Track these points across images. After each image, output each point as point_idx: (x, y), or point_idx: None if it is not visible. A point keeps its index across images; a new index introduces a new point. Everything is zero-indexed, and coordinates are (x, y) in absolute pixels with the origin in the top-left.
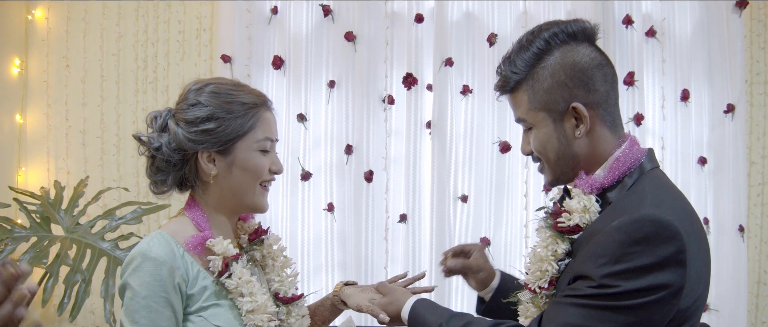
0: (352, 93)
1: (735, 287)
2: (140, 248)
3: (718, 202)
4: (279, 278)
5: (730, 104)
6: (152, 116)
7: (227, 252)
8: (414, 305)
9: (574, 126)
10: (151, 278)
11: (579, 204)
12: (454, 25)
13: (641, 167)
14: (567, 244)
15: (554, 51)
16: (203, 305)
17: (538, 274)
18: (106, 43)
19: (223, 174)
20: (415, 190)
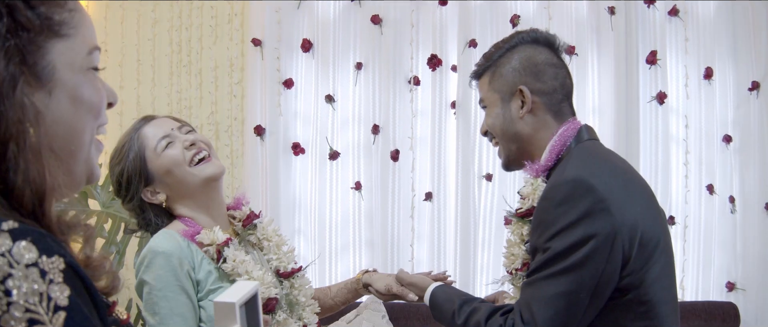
0: (379, 74)
1: (762, 266)
2: (149, 246)
3: (744, 180)
4: (277, 256)
5: (754, 82)
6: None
7: (216, 240)
8: (433, 291)
9: (519, 106)
10: (163, 271)
11: (530, 187)
12: (477, 7)
13: (576, 140)
14: (529, 226)
15: (519, 47)
16: (211, 289)
17: (512, 258)
18: (142, 29)
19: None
20: (441, 169)
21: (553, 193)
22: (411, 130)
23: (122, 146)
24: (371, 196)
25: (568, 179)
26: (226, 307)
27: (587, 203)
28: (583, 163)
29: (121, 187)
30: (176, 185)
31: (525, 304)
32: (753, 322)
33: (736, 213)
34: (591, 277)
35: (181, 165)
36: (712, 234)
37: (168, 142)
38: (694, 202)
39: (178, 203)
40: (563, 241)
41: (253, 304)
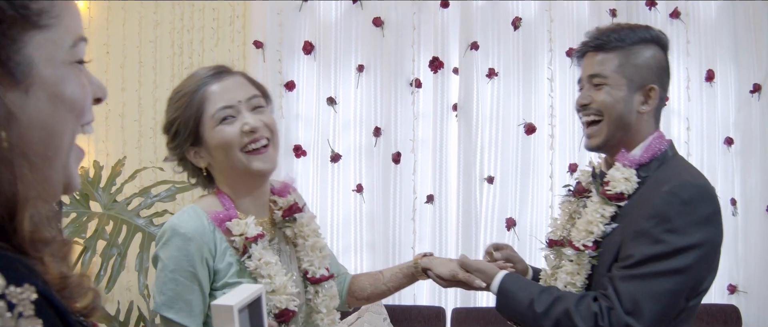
0: (380, 77)
1: (764, 268)
2: (172, 222)
3: (746, 182)
4: (309, 258)
5: (756, 84)
6: None
7: (246, 232)
8: (504, 279)
9: (641, 101)
10: (179, 253)
11: (621, 175)
12: (479, 9)
13: (667, 152)
14: (613, 208)
15: (653, 45)
16: (228, 282)
17: (584, 234)
18: (144, 31)
19: (211, 161)
20: (442, 172)
21: (681, 191)
22: (412, 132)
23: (184, 93)
24: (372, 198)
25: (697, 183)
26: (224, 310)
27: (709, 210)
28: (697, 173)
29: (169, 132)
30: (222, 162)
31: (628, 294)
32: (754, 324)
33: (737, 215)
34: (694, 279)
35: (233, 147)
36: None
37: (228, 116)
38: None
39: (220, 176)
40: (682, 239)
41: (257, 308)
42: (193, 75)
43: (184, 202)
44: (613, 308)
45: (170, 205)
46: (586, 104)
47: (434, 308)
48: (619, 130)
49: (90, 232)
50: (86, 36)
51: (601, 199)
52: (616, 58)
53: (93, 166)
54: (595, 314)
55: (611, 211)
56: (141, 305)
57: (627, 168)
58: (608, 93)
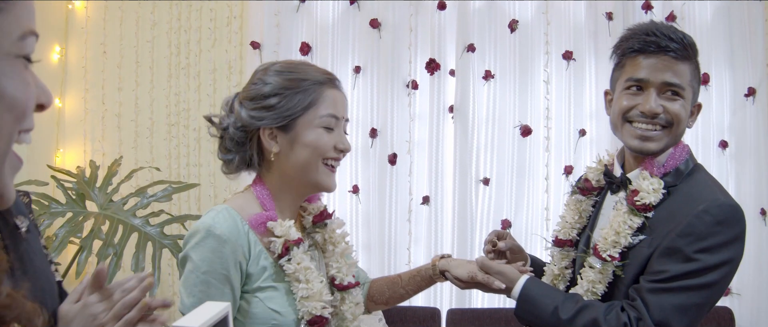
0: (377, 78)
1: (757, 271)
2: (205, 222)
3: (740, 185)
4: (337, 264)
5: (751, 88)
6: (224, 100)
7: (289, 235)
8: (526, 284)
9: (689, 115)
10: (213, 254)
11: (650, 185)
12: (476, 11)
13: (689, 160)
14: (640, 219)
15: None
16: (261, 286)
17: (611, 244)
18: (141, 31)
19: (285, 151)
20: (438, 173)
21: (717, 211)
22: (409, 134)
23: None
24: (369, 199)
25: (731, 204)
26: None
27: (738, 229)
28: (725, 192)
29: (263, 100)
30: (295, 160)
31: (658, 307)
32: (748, 326)
33: None
34: (719, 294)
35: (320, 155)
36: None
37: (330, 126)
38: None
39: (278, 169)
40: (713, 258)
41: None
42: (304, 66)
43: (180, 202)
44: (641, 319)
45: (166, 206)
46: (658, 113)
47: (429, 309)
48: (674, 141)
49: (86, 231)
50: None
51: (629, 209)
52: (689, 68)
53: (89, 165)
54: (625, 324)
55: (639, 222)
56: None
57: (654, 177)
58: (683, 106)
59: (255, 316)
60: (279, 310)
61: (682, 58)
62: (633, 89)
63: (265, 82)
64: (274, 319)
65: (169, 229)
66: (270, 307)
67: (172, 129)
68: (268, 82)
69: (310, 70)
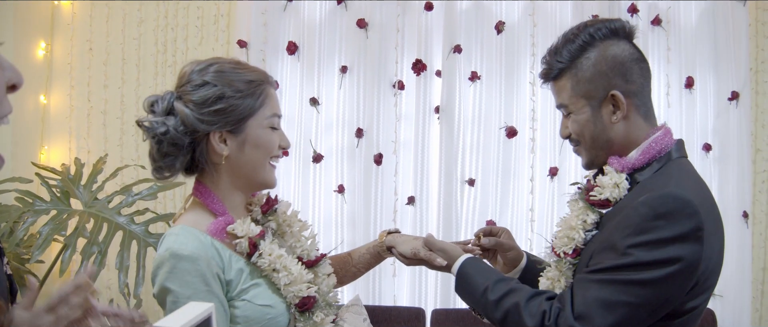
0: (364, 78)
1: (739, 273)
2: (170, 248)
3: (723, 188)
4: (299, 243)
5: (734, 92)
6: (152, 101)
7: (251, 232)
8: (464, 262)
9: (611, 112)
10: (190, 276)
11: (610, 180)
12: (463, 13)
13: (669, 154)
14: (596, 215)
15: (597, 44)
16: (244, 288)
17: (565, 241)
18: (127, 28)
19: (234, 153)
20: (424, 174)
21: (655, 203)
22: (395, 134)
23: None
24: (354, 199)
25: (676, 195)
26: None
27: (687, 226)
28: (688, 184)
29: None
30: (245, 161)
31: (582, 299)
32: None
33: None
34: (660, 297)
35: (267, 154)
36: None
37: (275, 125)
38: None
39: (226, 171)
40: (649, 254)
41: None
42: (246, 65)
43: (166, 201)
44: (563, 310)
45: (151, 204)
46: (566, 136)
47: (414, 309)
48: (600, 149)
49: (70, 229)
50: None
51: (585, 205)
52: (567, 81)
53: (74, 163)
54: (544, 313)
55: (594, 218)
56: (121, 303)
57: (618, 173)
58: (575, 121)
59: (249, 319)
60: (269, 304)
61: (554, 77)
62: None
63: (211, 84)
64: (268, 314)
65: (154, 227)
66: (260, 304)
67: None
68: (214, 85)
69: (249, 70)
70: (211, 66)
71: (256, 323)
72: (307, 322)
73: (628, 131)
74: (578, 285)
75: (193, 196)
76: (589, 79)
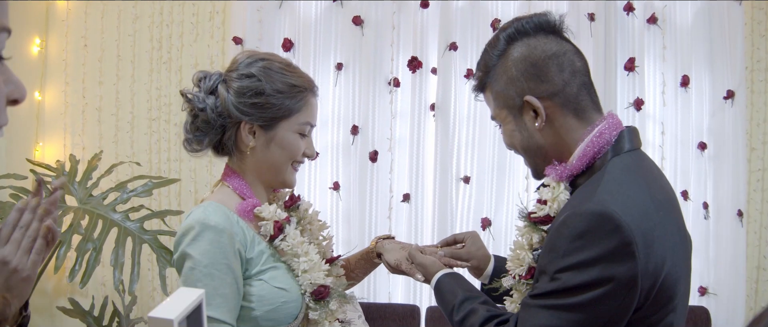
0: (359, 75)
1: (734, 272)
2: (197, 217)
3: (718, 187)
4: (317, 241)
5: (729, 90)
6: (201, 76)
7: (278, 216)
8: (440, 279)
9: (532, 118)
10: (212, 246)
11: (549, 193)
12: (458, 10)
13: (613, 149)
14: (540, 233)
15: (510, 49)
16: (262, 269)
17: (517, 262)
18: (122, 24)
19: (260, 148)
20: (419, 171)
21: (574, 222)
22: (390, 131)
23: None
24: (349, 196)
25: (595, 211)
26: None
27: (611, 244)
28: (617, 191)
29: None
30: (268, 158)
31: (522, 324)
32: (724, 326)
33: (709, 219)
34: (597, 319)
35: (290, 158)
36: None
37: (306, 132)
38: None
39: (251, 162)
40: (576, 278)
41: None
42: (296, 70)
43: (161, 198)
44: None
45: (147, 201)
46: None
47: (409, 306)
48: (536, 157)
49: (65, 226)
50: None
51: (528, 224)
52: (490, 92)
53: (69, 159)
54: None
55: (538, 237)
56: (116, 300)
57: (557, 183)
58: (504, 132)
59: (262, 298)
60: (285, 287)
61: (479, 89)
62: None
63: (256, 78)
64: (282, 296)
65: (149, 224)
66: (276, 285)
67: (152, 124)
68: (259, 79)
69: (297, 75)
70: (261, 61)
71: (268, 304)
72: (322, 309)
73: (559, 134)
74: (523, 310)
75: (221, 180)
76: (503, 88)
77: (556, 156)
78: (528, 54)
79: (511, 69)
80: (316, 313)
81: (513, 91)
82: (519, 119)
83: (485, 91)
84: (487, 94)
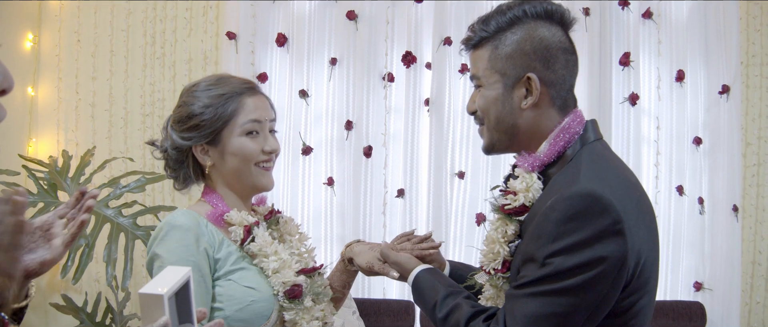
0: (353, 70)
1: (729, 267)
2: (166, 220)
3: (713, 181)
4: (298, 252)
5: (725, 85)
6: (164, 123)
7: (245, 220)
8: (418, 275)
9: (522, 96)
10: (178, 244)
11: (522, 184)
12: (453, 5)
13: (581, 139)
14: (515, 225)
15: (528, 22)
16: (230, 269)
17: (491, 257)
18: (116, 20)
19: (218, 163)
20: (413, 166)
21: (563, 206)
22: (384, 126)
23: (219, 93)
24: (343, 191)
25: (583, 193)
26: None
27: (602, 223)
28: (598, 175)
29: (185, 123)
30: (228, 169)
31: (512, 317)
32: (719, 321)
33: (704, 214)
34: (592, 300)
35: (250, 160)
36: (680, 234)
37: (254, 130)
38: (664, 202)
39: (217, 177)
40: (569, 260)
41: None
42: (226, 79)
43: (154, 193)
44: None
45: (139, 196)
46: (472, 112)
47: (403, 302)
48: (503, 133)
49: None
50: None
51: (502, 216)
52: (485, 52)
53: (62, 155)
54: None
55: (513, 228)
56: (109, 296)
57: (528, 173)
58: (483, 95)
59: (231, 298)
60: (253, 286)
61: (473, 46)
62: None
63: (187, 104)
64: (251, 295)
65: (142, 220)
66: (245, 285)
67: (146, 119)
68: (191, 104)
69: (230, 82)
70: (195, 86)
71: (237, 303)
72: (297, 308)
73: (538, 121)
74: (508, 302)
75: (201, 197)
76: (508, 55)
77: (524, 140)
78: (547, 37)
79: (525, 43)
80: (292, 312)
81: (518, 62)
82: (507, 91)
83: (480, 48)
84: (481, 53)
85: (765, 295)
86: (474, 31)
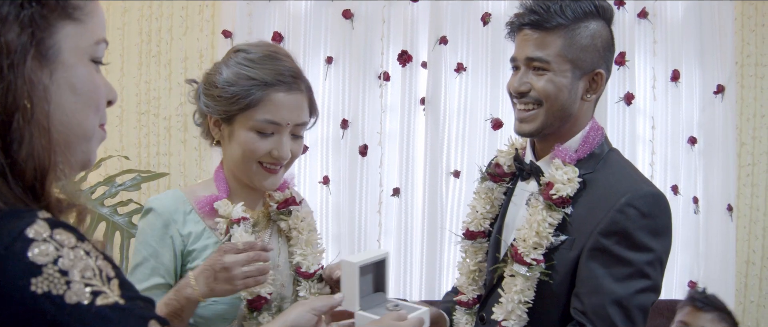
0: (349, 69)
1: (723, 266)
2: (149, 199)
3: (708, 181)
4: (302, 251)
5: (719, 85)
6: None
7: (231, 214)
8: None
9: (586, 89)
10: (146, 226)
11: (563, 175)
12: (449, 4)
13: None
14: (561, 215)
15: (599, 20)
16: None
17: (532, 246)
18: (111, 18)
19: (225, 143)
20: (409, 165)
21: (640, 203)
22: (380, 125)
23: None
24: (339, 190)
25: (654, 193)
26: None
27: (666, 219)
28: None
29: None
30: (231, 154)
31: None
32: None
33: (699, 213)
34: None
35: (250, 158)
36: (675, 234)
37: (268, 131)
38: None
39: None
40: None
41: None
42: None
43: (150, 192)
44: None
45: (135, 195)
46: (525, 92)
47: None
48: (558, 120)
49: None
50: None
51: (546, 204)
52: (559, 38)
53: None
54: None
55: (559, 217)
56: None
57: (568, 166)
58: (551, 81)
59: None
60: None
61: (546, 29)
62: (514, 70)
63: (218, 71)
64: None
65: (137, 218)
66: None
67: (142, 117)
68: (220, 72)
69: (269, 67)
70: (239, 53)
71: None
72: (251, 321)
73: (584, 113)
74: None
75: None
76: (583, 48)
77: (567, 130)
78: (612, 39)
79: (598, 38)
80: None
81: (592, 56)
82: (575, 80)
83: (553, 33)
84: (553, 38)
85: (759, 295)
86: (545, 12)
